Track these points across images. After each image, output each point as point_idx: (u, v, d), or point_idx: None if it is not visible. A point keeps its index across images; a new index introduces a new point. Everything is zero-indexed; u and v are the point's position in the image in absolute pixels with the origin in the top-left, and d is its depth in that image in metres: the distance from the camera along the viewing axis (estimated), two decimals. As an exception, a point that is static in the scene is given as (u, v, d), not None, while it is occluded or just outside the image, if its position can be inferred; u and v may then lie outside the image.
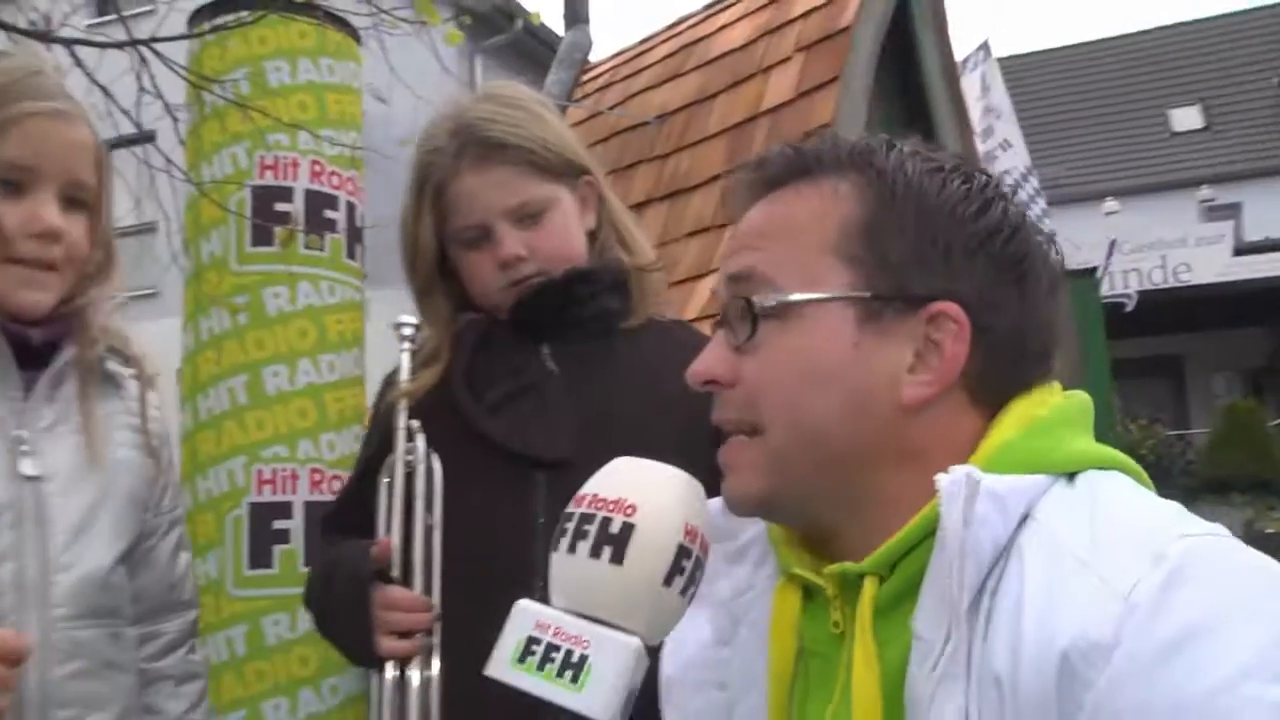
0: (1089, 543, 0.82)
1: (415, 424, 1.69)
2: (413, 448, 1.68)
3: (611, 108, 3.90)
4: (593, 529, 0.98)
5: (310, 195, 2.93)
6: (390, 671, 1.58)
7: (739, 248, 1.01)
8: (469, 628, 1.50)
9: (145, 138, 2.97)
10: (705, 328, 2.93)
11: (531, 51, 12.11)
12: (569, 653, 0.95)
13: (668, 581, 0.97)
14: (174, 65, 2.77)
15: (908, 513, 0.91)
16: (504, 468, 1.66)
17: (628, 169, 3.81)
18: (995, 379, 0.95)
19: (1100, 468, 0.91)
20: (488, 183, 1.69)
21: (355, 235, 3.06)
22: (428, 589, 1.63)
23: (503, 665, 0.99)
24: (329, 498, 2.92)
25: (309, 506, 2.89)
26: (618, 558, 0.96)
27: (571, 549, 0.99)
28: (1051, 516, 0.86)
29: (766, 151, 1.04)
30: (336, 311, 2.98)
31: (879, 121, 3.52)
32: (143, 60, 2.75)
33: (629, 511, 0.98)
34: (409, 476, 1.67)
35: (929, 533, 0.88)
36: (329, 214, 2.98)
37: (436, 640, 1.60)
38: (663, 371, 1.61)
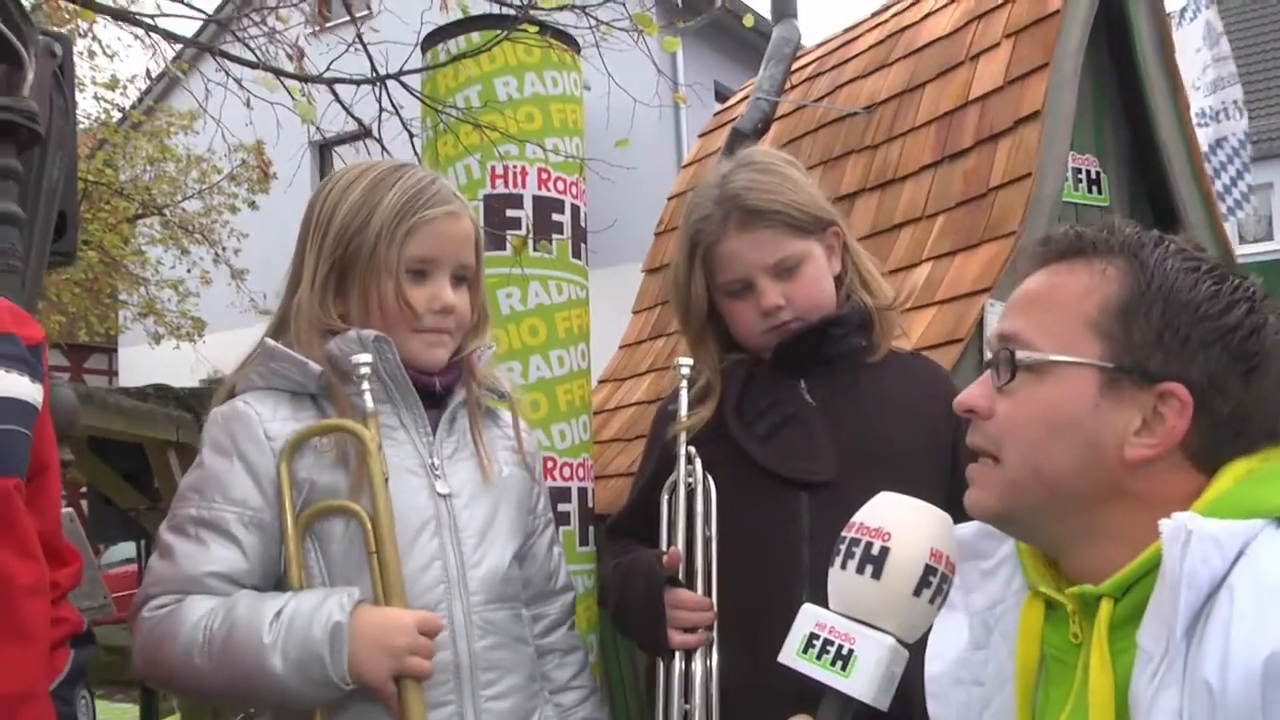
0: None
1: (693, 450, 1.95)
2: (692, 470, 1.94)
3: (820, 99, 3.97)
4: (859, 550, 1.25)
5: (538, 201, 3.12)
6: (678, 663, 1.86)
7: (1015, 309, 1.19)
8: (745, 624, 1.81)
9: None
10: (918, 316, 3.01)
11: (729, 28, 12.15)
12: (840, 646, 1.23)
13: (917, 593, 1.24)
14: (415, 92, 3.00)
15: (1128, 545, 1.08)
16: (774, 489, 1.90)
17: (838, 159, 3.85)
18: (1213, 450, 1.10)
19: None
20: (750, 243, 1.93)
21: (580, 236, 3.24)
22: (708, 591, 1.89)
23: (790, 654, 1.27)
24: (561, 484, 3.12)
25: (542, 492, 3.10)
26: (877, 574, 1.23)
27: (843, 566, 1.26)
28: (1261, 554, 1.00)
29: (1053, 230, 1.22)
30: (564, 309, 3.16)
31: (1091, 103, 3.47)
32: (383, 85, 2.99)
33: (886, 538, 1.25)
34: (689, 495, 1.93)
35: (1155, 565, 1.03)
36: (556, 217, 3.16)
37: (714, 635, 1.86)
38: (906, 399, 1.86)
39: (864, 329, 2.00)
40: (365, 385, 1.69)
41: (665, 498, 1.97)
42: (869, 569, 1.24)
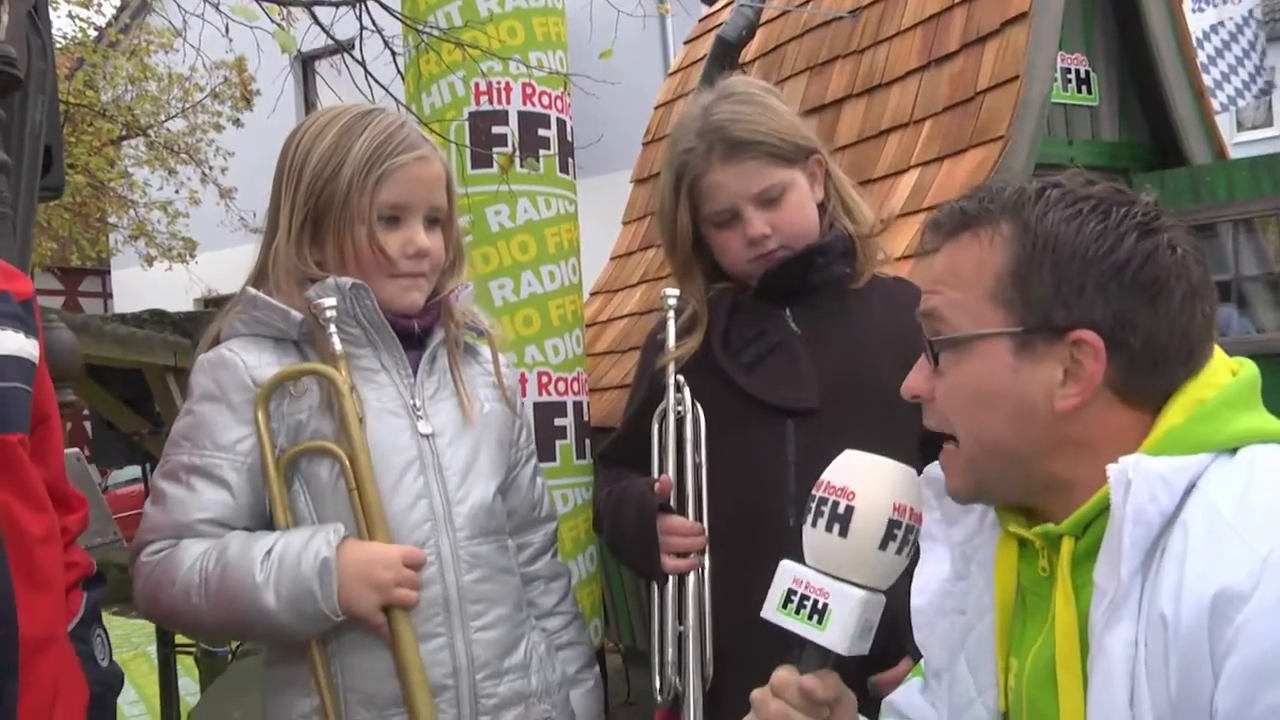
0: (1239, 509, 1.02)
1: (681, 379, 2.01)
2: (681, 398, 2.00)
3: (804, 3, 3.92)
4: (827, 509, 1.31)
5: (523, 116, 3.11)
6: (672, 587, 1.93)
7: (926, 291, 1.24)
8: (735, 548, 1.88)
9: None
10: (906, 224, 3.01)
11: (715, -72, 11.93)
12: (815, 601, 1.29)
13: (883, 546, 1.29)
14: (395, 13, 2.97)
15: (1084, 487, 1.14)
16: (760, 416, 1.96)
17: (824, 65, 3.82)
18: (1138, 382, 1.14)
19: (1263, 442, 1.09)
20: (735, 174, 1.96)
21: (567, 150, 3.23)
22: (699, 516, 1.95)
23: (771, 610, 1.33)
24: (556, 398, 3.16)
25: (537, 408, 3.13)
26: (844, 532, 1.29)
27: (814, 524, 1.32)
28: (1212, 487, 1.05)
29: (939, 210, 1.25)
30: (554, 224, 3.17)
31: (1079, 4, 3.44)
32: (363, 5, 2.96)
33: (850, 497, 1.30)
34: (679, 423, 2.00)
35: (1109, 504, 1.08)
36: (542, 132, 3.15)
37: (706, 559, 1.93)
38: (889, 325, 1.91)
39: (847, 256, 2.03)
40: (332, 328, 1.74)
41: (655, 426, 2.02)
42: (836, 527, 1.30)
